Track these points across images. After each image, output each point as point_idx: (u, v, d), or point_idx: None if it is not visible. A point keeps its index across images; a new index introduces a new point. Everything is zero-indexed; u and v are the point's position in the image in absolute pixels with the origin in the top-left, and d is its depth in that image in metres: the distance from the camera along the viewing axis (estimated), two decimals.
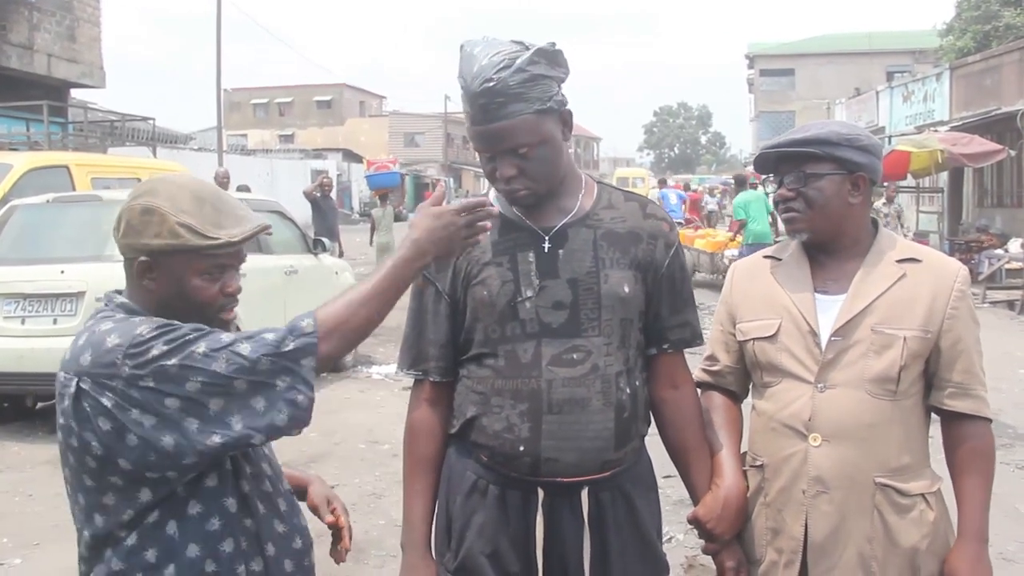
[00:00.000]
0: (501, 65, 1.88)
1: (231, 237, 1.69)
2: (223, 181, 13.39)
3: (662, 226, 2.10)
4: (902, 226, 15.24)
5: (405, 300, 1.97)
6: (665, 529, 2.68)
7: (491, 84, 1.88)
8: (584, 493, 1.99)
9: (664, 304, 2.09)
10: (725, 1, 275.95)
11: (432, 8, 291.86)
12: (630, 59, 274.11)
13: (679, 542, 4.35)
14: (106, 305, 1.74)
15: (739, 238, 13.75)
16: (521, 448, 1.96)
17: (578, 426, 1.96)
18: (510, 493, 2.00)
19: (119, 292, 1.78)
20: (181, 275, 1.70)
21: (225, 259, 1.72)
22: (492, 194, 2.13)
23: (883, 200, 14.79)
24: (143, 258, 1.70)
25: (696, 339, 2.15)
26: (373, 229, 15.01)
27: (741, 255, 13.85)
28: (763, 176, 2.15)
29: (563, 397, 1.95)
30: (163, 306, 1.71)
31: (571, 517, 1.99)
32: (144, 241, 1.68)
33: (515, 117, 1.90)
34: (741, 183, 14.37)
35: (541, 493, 1.99)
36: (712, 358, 2.25)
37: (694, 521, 2.11)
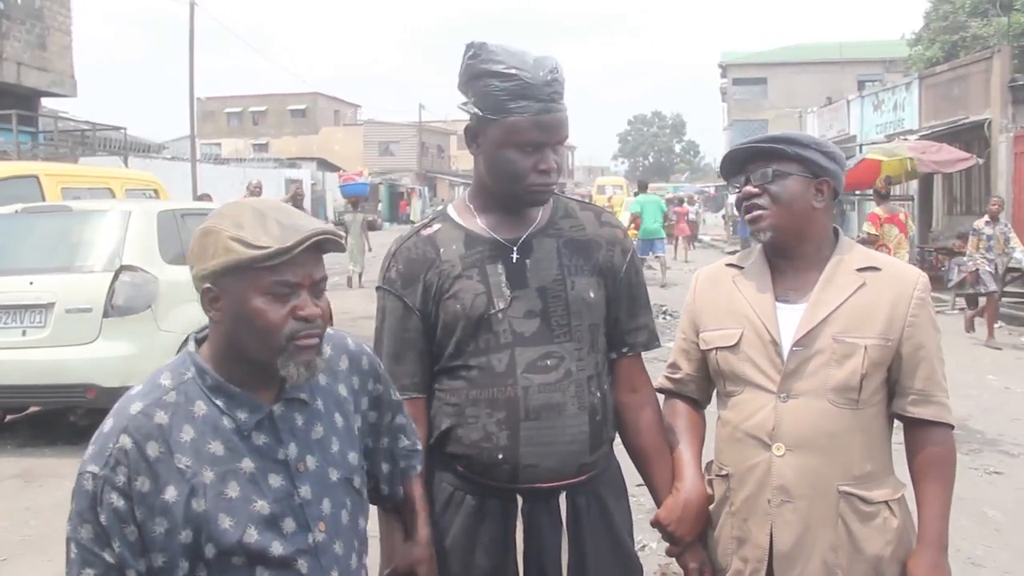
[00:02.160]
0: (549, 59, 1.94)
1: (283, 243, 1.52)
2: (255, 191, 14.63)
3: (617, 233, 2.15)
4: (1009, 254, 11.11)
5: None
6: (638, 537, 2.69)
7: (557, 74, 1.93)
8: (562, 498, 2.01)
9: (623, 308, 2.12)
10: (700, 10, 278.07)
11: (404, 13, 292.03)
12: (605, 64, 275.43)
13: (652, 550, 4.36)
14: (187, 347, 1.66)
15: (635, 231, 17.18)
16: (500, 456, 1.97)
17: (555, 431, 1.97)
18: (488, 502, 2.01)
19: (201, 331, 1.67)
20: (243, 297, 1.54)
21: (288, 274, 1.54)
22: (451, 208, 2.14)
23: (984, 220, 11.25)
24: (207, 286, 1.57)
25: (653, 342, 2.18)
26: (346, 233, 16.81)
27: (636, 247, 16.54)
28: (727, 182, 2.17)
29: (539, 403, 1.97)
30: (230, 341, 1.58)
31: (549, 523, 2.01)
32: (203, 265, 1.56)
33: (567, 110, 1.98)
34: (643, 188, 19.10)
35: (520, 500, 2.00)
36: (674, 366, 2.27)
37: (656, 524, 2.13)
